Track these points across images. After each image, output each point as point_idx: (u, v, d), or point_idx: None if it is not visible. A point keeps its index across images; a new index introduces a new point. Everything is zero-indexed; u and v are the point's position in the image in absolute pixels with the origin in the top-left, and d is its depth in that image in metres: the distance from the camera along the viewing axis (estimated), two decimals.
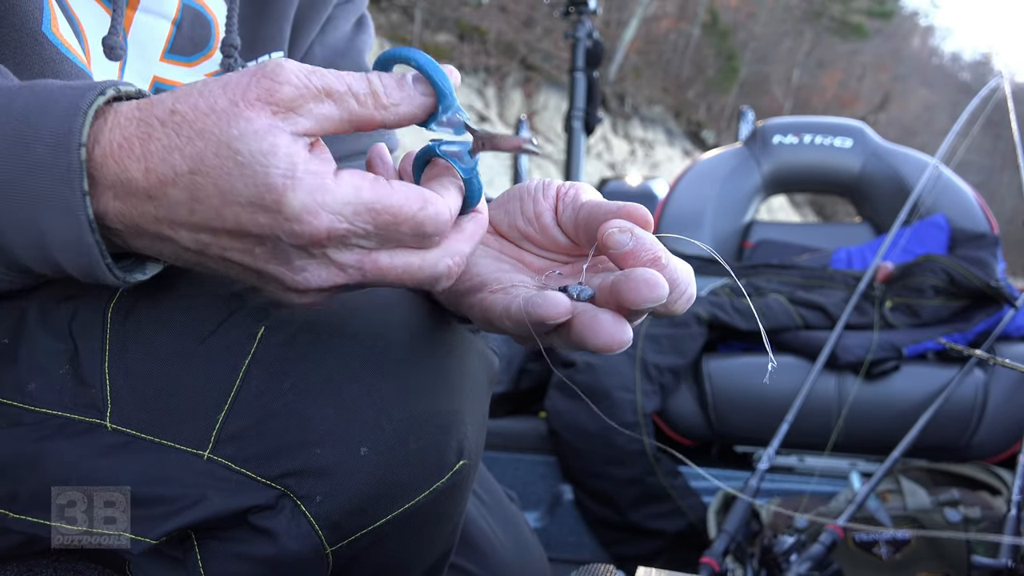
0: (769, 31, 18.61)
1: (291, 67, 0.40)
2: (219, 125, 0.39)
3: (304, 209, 0.39)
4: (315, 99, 0.40)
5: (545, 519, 1.81)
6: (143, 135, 0.40)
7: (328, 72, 0.41)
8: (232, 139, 0.39)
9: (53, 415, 0.49)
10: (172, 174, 0.40)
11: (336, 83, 0.41)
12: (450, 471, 0.53)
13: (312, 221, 0.39)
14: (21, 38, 0.54)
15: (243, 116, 0.39)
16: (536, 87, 12.05)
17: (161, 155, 0.40)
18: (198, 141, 0.39)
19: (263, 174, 0.38)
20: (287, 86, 0.39)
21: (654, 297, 0.41)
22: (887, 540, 1.45)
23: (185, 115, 0.39)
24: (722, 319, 1.78)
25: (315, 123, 0.40)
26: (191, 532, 0.50)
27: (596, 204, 0.48)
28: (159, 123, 0.40)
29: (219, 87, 0.40)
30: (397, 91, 0.43)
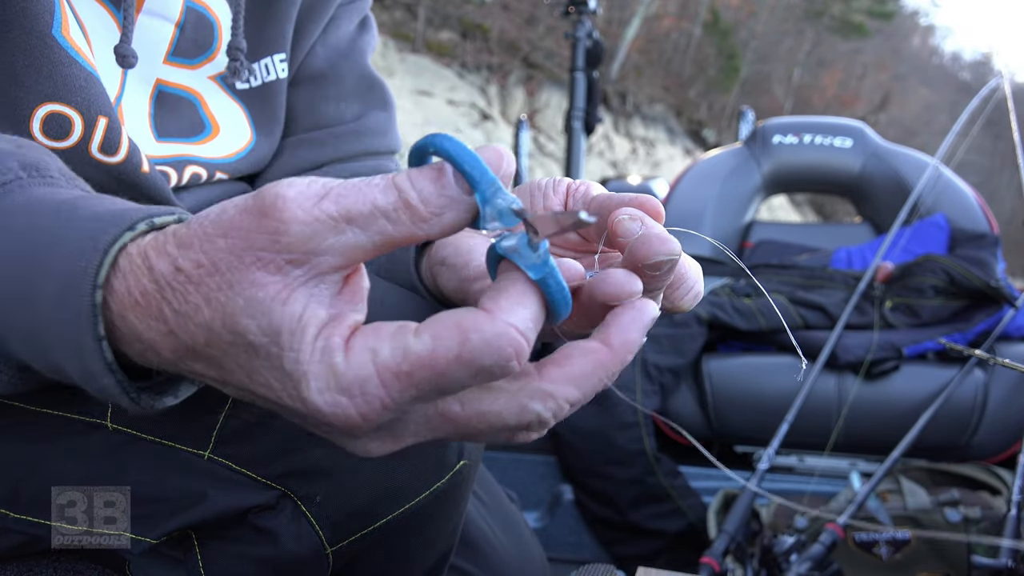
0: (770, 30, 18.61)
1: (295, 198, 0.32)
2: (224, 291, 0.33)
3: (321, 400, 0.32)
4: (333, 230, 0.33)
5: (545, 519, 1.81)
6: (156, 293, 0.34)
7: (345, 189, 0.33)
8: (239, 312, 0.33)
9: (54, 415, 0.49)
10: (191, 343, 0.34)
11: (355, 205, 0.33)
12: (450, 471, 0.53)
13: (336, 412, 0.33)
14: (32, 41, 0.54)
15: (247, 280, 0.33)
16: (538, 85, 12.05)
17: (176, 321, 0.34)
18: (206, 310, 0.33)
19: (277, 357, 0.33)
20: (295, 226, 0.32)
21: (666, 250, 0.39)
22: (887, 540, 1.45)
23: (188, 274, 0.34)
24: (722, 319, 1.78)
25: (340, 259, 0.33)
26: (191, 532, 0.50)
27: (607, 196, 0.46)
28: (165, 281, 0.34)
29: (220, 234, 0.33)
30: (436, 197, 0.34)
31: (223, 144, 0.72)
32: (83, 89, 0.56)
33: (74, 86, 0.56)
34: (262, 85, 0.74)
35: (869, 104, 22.38)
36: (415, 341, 0.32)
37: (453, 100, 10.58)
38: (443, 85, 10.62)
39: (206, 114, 0.71)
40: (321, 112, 0.79)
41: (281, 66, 0.75)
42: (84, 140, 0.58)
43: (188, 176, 0.69)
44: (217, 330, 0.33)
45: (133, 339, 0.36)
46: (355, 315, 0.34)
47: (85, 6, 0.60)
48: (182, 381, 0.41)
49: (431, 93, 10.28)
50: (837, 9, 18.90)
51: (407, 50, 10.53)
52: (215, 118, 0.72)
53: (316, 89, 0.79)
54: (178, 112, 0.69)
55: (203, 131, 0.71)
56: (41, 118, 0.56)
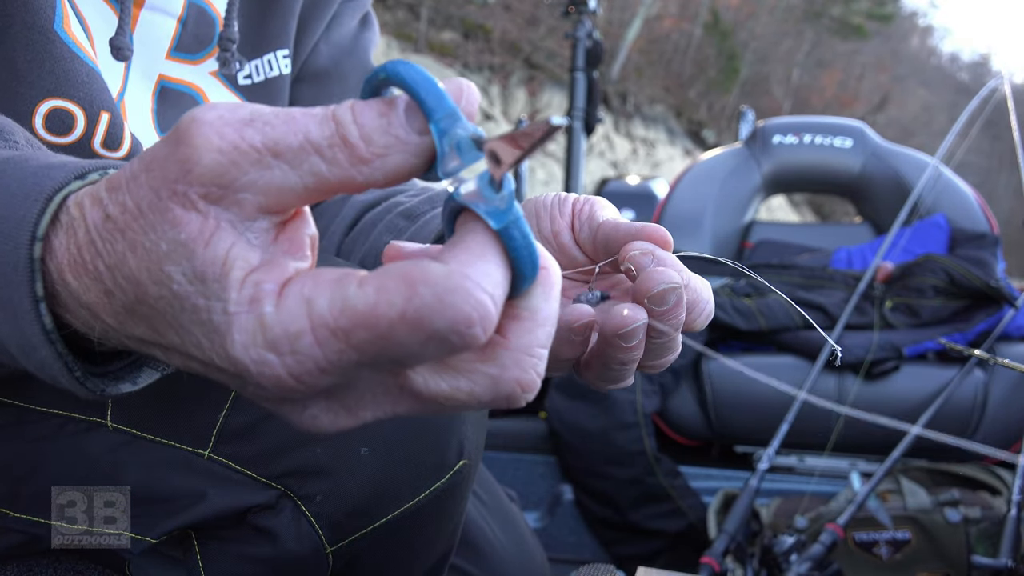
0: (770, 31, 18.63)
1: (212, 122, 0.28)
2: (149, 235, 0.29)
3: (251, 361, 0.28)
4: (255, 163, 0.28)
5: (545, 519, 1.81)
6: (91, 249, 0.31)
7: (275, 117, 0.29)
8: (163, 259, 0.29)
9: (54, 414, 0.49)
10: (125, 300, 0.30)
11: (284, 135, 0.28)
12: (450, 471, 0.53)
13: (265, 373, 0.28)
14: (33, 36, 0.54)
15: (168, 218, 0.28)
16: (540, 86, 12.06)
17: (110, 277, 0.30)
18: (131, 259, 0.29)
19: (205, 310, 0.28)
20: (207, 154, 0.28)
21: (665, 279, 0.40)
22: (887, 540, 1.45)
23: (116, 220, 0.30)
24: (722, 319, 1.78)
25: (264, 197, 0.29)
26: (191, 532, 0.50)
27: (615, 225, 0.47)
28: (98, 236, 0.30)
29: (143, 169, 0.29)
30: (381, 134, 0.29)
31: None
32: (85, 84, 0.56)
33: (76, 81, 0.56)
34: (265, 80, 0.74)
35: (868, 105, 22.40)
36: (356, 292, 0.27)
37: None
38: None
39: None
40: None
41: (284, 62, 0.75)
42: (87, 135, 0.58)
43: None
44: (144, 282, 0.29)
45: (76, 305, 0.32)
46: (294, 263, 0.29)
47: (87, 2, 0.60)
48: (143, 367, 0.37)
49: None
50: (836, 11, 18.93)
51: (410, 50, 10.54)
52: None
53: (320, 87, 0.79)
54: (181, 108, 0.69)
55: None
56: (44, 114, 0.56)
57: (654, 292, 0.40)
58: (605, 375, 0.43)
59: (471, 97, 0.30)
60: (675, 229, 2.29)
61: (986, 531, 1.43)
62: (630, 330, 0.40)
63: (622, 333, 0.40)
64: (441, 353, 0.28)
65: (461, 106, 0.30)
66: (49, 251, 0.32)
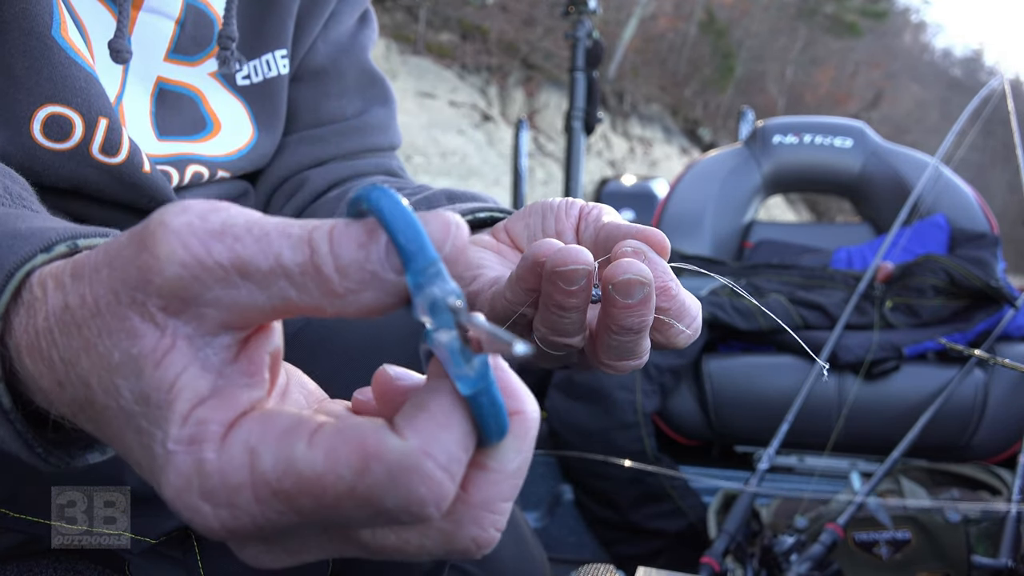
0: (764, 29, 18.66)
1: (179, 229, 0.26)
2: (103, 339, 0.27)
3: (183, 507, 0.26)
4: (221, 281, 0.26)
5: (545, 519, 1.81)
6: (47, 335, 0.29)
7: (247, 232, 0.26)
8: (113, 370, 0.27)
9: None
10: (71, 399, 0.29)
11: (254, 257, 0.26)
12: None
13: (195, 518, 0.26)
14: (31, 43, 0.54)
15: (124, 328, 0.26)
16: (537, 86, 12.08)
17: (63, 371, 0.28)
18: (85, 360, 0.27)
19: (147, 435, 0.26)
20: (170, 266, 0.26)
21: (633, 271, 0.39)
22: (887, 540, 1.45)
23: (74, 313, 0.28)
24: (722, 319, 1.78)
25: (227, 314, 0.27)
26: (191, 532, 0.50)
27: (616, 225, 0.47)
28: (55, 319, 0.28)
29: (105, 263, 0.27)
30: (357, 269, 0.26)
31: (224, 142, 0.72)
32: (83, 90, 0.56)
33: (74, 87, 0.56)
34: (263, 81, 0.74)
35: (862, 102, 22.43)
36: (305, 454, 0.25)
37: (455, 101, 10.60)
38: (445, 87, 10.64)
39: (207, 111, 0.71)
40: (323, 108, 0.79)
41: (282, 62, 0.75)
42: (85, 141, 0.57)
43: (190, 175, 0.69)
44: (94, 387, 0.27)
45: (35, 387, 0.30)
46: (248, 392, 0.27)
47: (85, 5, 0.59)
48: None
49: (433, 95, 10.29)
50: (830, 8, 18.96)
51: (408, 52, 10.55)
52: (216, 115, 0.72)
53: (318, 85, 0.79)
54: (179, 110, 0.69)
55: (204, 128, 0.71)
56: (42, 120, 0.56)
57: (618, 279, 0.39)
58: (608, 344, 0.42)
59: (458, 239, 0.27)
60: (675, 229, 2.29)
61: (986, 531, 1.43)
62: (624, 279, 0.38)
63: (616, 282, 0.39)
64: (390, 524, 0.27)
65: (445, 251, 0.27)
66: (9, 330, 0.30)
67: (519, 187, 3.37)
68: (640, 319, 0.40)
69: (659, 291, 0.42)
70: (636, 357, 0.43)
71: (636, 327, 0.40)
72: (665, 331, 0.44)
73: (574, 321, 0.42)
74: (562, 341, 0.44)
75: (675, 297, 0.43)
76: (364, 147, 0.81)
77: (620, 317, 0.40)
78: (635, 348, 0.42)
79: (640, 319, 0.40)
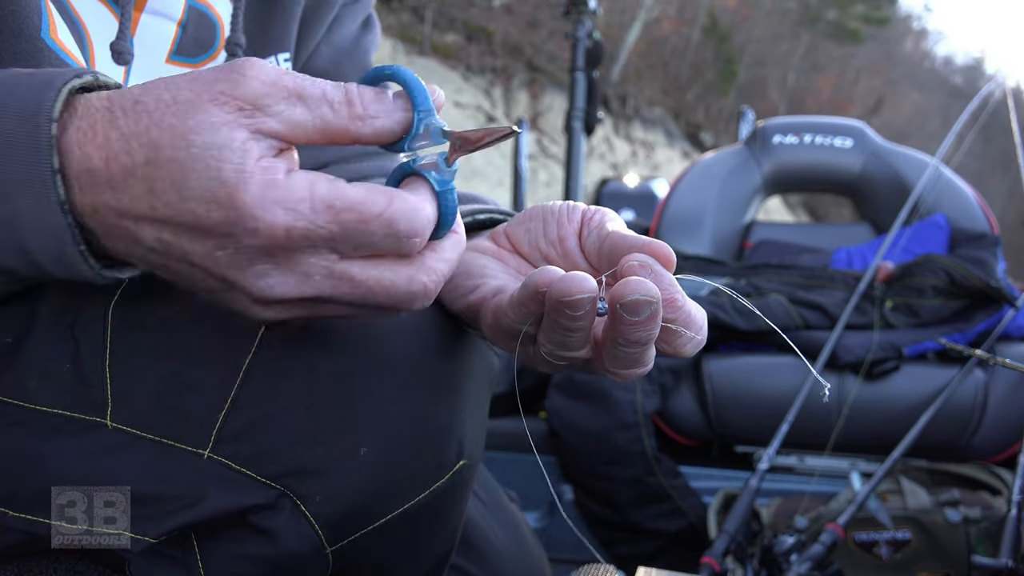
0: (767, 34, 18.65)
1: (263, 65, 0.39)
2: (178, 116, 0.37)
3: (256, 204, 0.37)
4: (285, 100, 0.38)
5: (545, 519, 1.81)
6: (106, 122, 0.39)
7: (302, 75, 0.40)
8: (188, 131, 0.37)
9: (54, 413, 0.49)
10: (130, 163, 0.38)
11: (309, 87, 0.39)
12: (450, 471, 0.53)
13: (266, 217, 0.37)
14: (20, 45, 0.54)
15: (203, 109, 0.37)
16: (541, 88, 12.09)
17: (121, 144, 0.38)
18: (154, 130, 0.38)
19: (215, 168, 0.37)
20: (254, 81, 0.38)
21: (643, 291, 0.40)
22: (887, 540, 1.45)
23: (147, 105, 0.38)
24: (722, 319, 1.78)
25: (283, 126, 0.39)
26: (191, 532, 0.50)
27: (622, 236, 0.47)
28: (122, 112, 0.38)
29: (186, 80, 0.39)
30: (375, 103, 0.41)
31: None
32: None
33: None
34: None
35: (863, 108, 22.42)
36: (351, 188, 0.38)
37: (459, 102, 10.62)
38: (450, 87, 10.66)
39: None
40: None
41: (285, 66, 0.75)
42: None
43: None
44: (163, 146, 0.37)
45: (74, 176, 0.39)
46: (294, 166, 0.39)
47: (86, 6, 0.60)
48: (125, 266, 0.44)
49: None
50: (832, 14, 18.95)
51: (414, 52, 10.56)
52: None
53: None
54: None
55: None
56: None
57: (627, 300, 0.40)
58: (615, 356, 0.43)
59: (439, 99, 0.43)
60: (675, 229, 2.29)
61: (986, 531, 1.43)
62: (632, 300, 0.40)
63: (624, 303, 0.40)
64: (389, 247, 0.40)
65: (435, 102, 0.43)
66: (62, 130, 0.39)
67: (519, 188, 3.38)
68: (647, 334, 0.42)
69: (665, 303, 0.43)
70: (641, 366, 0.45)
71: (643, 341, 0.42)
72: (672, 341, 0.45)
73: (580, 339, 0.43)
74: (569, 355, 0.45)
75: (681, 308, 0.43)
76: (365, 151, 0.81)
77: (627, 332, 0.41)
78: (640, 358, 0.44)
79: (647, 334, 0.42)
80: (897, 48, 27.68)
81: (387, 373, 0.50)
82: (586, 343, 0.44)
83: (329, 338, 0.50)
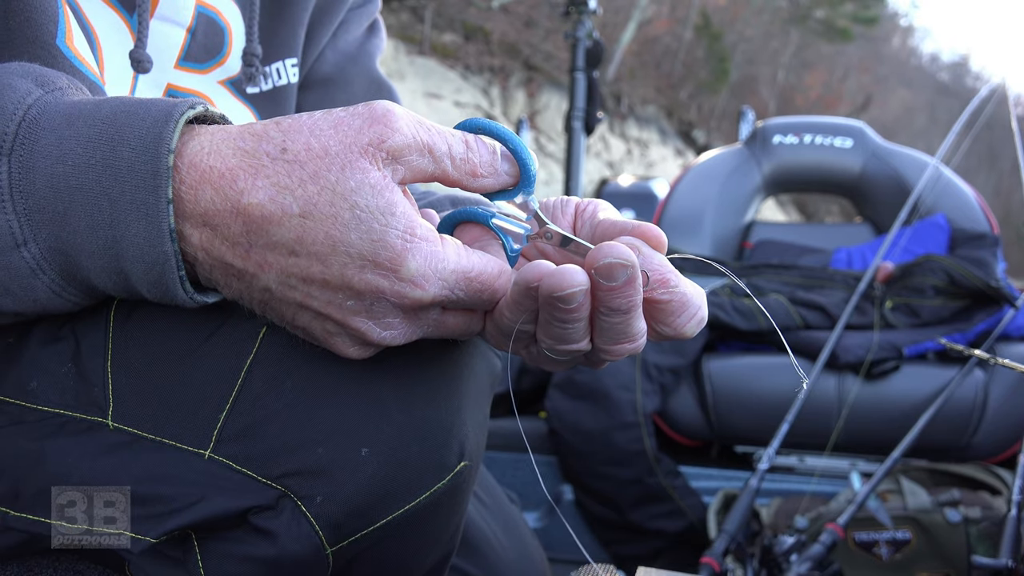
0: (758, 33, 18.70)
1: (403, 115, 0.41)
2: (334, 172, 0.39)
3: (420, 275, 0.40)
4: (418, 152, 0.41)
5: (545, 519, 1.81)
6: (250, 168, 0.40)
7: (434, 128, 0.42)
8: (349, 191, 0.39)
9: (55, 413, 0.49)
10: (280, 214, 0.39)
11: (439, 143, 0.42)
12: (451, 472, 0.53)
13: (425, 287, 0.40)
14: (36, 51, 0.54)
15: (358, 166, 0.39)
16: (538, 87, 12.09)
17: (270, 193, 0.39)
18: (311, 185, 0.39)
19: (380, 231, 0.39)
20: (399, 135, 0.40)
21: (615, 254, 0.40)
22: (887, 540, 1.45)
23: (297, 155, 0.39)
24: (722, 319, 1.78)
25: (410, 174, 0.41)
26: (191, 532, 0.50)
27: (612, 222, 0.48)
28: (268, 159, 0.40)
29: (330, 127, 0.40)
30: (489, 166, 0.45)
31: None
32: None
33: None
34: (273, 89, 0.75)
35: (851, 106, 22.44)
36: (474, 256, 0.44)
37: (460, 102, 10.63)
38: (450, 87, 10.66)
39: None
40: None
41: (292, 71, 0.76)
42: None
43: None
44: (320, 204, 0.39)
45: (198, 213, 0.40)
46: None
47: (97, 11, 0.60)
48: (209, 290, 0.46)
49: (440, 95, 10.33)
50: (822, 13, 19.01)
51: (415, 52, 10.57)
52: None
53: (324, 93, 0.80)
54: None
55: None
56: None
57: (600, 264, 0.40)
58: (601, 328, 0.44)
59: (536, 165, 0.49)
60: (675, 229, 2.29)
61: (986, 531, 1.43)
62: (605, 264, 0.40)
63: (598, 267, 0.41)
64: (482, 306, 0.45)
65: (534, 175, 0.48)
66: (178, 158, 0.40)
67: None
68: (627, 300, 0.42)
69: (658, 284, 0.44)
70: (630, 340, 0.45)
71: (624, 308, 0.42)
72: (671, 321, 0.45)
73: (578, 331, 0.44)
74: (568, 349, 0.45)
75: (675, 289, 0.44)
76: None
77: (607, 299, 0.42)
78: (627, 329, 0.44)
79: (627, 300, 0.42)
80: (885, 45, 27.70)
81: (388, 374, 0.50)
82: (585, 335, 0.44)
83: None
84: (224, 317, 0.50)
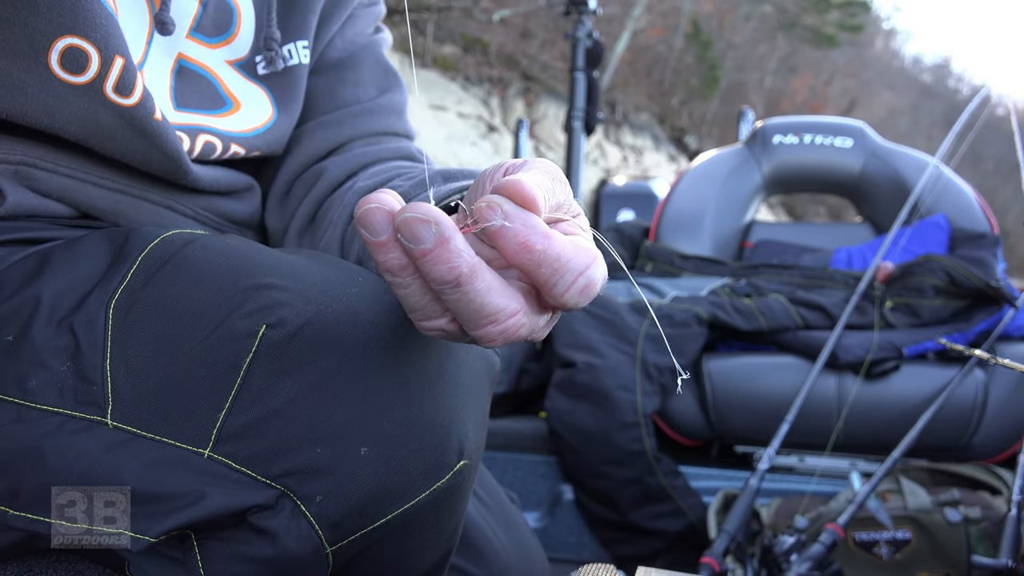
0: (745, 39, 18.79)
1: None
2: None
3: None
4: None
5: (545, 519, 1.81)
6: None
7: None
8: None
9: (54, 412, 0.49)
10: None
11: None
12: (450, 471, 0.53)
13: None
14: None
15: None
16: (536, 96, 12.14)
17: None
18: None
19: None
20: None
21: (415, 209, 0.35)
22: (887, 540, 1.45)
23: None
24: (722, 319, 1.78)
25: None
26: (191, 532, 0.50)
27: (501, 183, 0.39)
28: None
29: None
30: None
31: (244, 119, 0.75)
32: (103, 27, 0.58)
33: (95, 22, 0.57)
34: (284, 69, 0.78)
35: (837, 109, 22.54)
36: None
37: (462, 113, 10.68)
38: (452, 99, 10.72)
39: (225, 92, 0.74)
40: (339, 94, 0.83)
41: (304, 52, 0.78)
42: (100, 77, 0.59)
43: (201, 145, 0.70)
44: None
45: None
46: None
47: None
48: None
49: (444, 107, 10.38)
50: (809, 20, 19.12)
51: (417, 65, 10.61)
52: (235, 96, 0.75)
53: (334, 74, 0.83)
54: (197, 87, 0.72)
55: (223, 106, 0.74)
56: (60, 50, 0.57)
57: (397, 222, 0.35)
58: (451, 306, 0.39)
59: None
60: (675, 229, 2.29)
61: (986, 531, 1.43)
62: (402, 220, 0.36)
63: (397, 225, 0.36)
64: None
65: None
66: None
67: None
68: (447, 267, 0.36)
69: (521, 247, 0.37)
70: (492, 321, 0.38)
71: (446, 277, 0.36)
72: (547, 291, 0.39)
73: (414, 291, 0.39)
74: (424, 324, 0.41)
75: (542, 252, 0.37)
76: (381, 129, 0.83)
77: (425, 268, 0.36)
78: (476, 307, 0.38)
79: (447, 267, 0.36)
80: (868, 49, 27.76)
81: (388, 373, 0.50)
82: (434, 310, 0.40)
83: (330, 338, 0.50)
84: (224, 315, 0.50)
